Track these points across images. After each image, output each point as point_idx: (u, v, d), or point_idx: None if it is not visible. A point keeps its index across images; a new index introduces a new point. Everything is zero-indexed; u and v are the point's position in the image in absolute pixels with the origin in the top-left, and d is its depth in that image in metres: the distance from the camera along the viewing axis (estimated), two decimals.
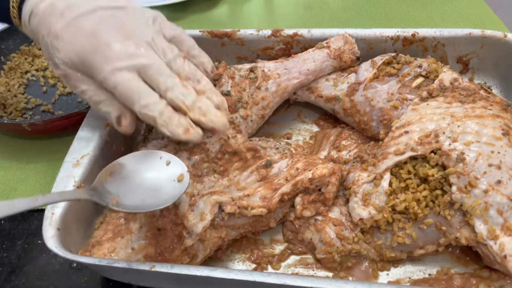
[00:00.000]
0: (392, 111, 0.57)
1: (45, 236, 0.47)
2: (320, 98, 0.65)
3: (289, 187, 0.51)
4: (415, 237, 0.49)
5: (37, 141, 0.73)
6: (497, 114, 0.50)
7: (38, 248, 0.58)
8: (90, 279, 0.55)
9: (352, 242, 0.51)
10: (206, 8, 1.00)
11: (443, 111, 0.51)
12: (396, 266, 0.53)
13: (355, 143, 0.61)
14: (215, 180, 0.52)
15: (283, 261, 0.54)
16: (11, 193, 0.65)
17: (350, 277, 0.52)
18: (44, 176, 0.67)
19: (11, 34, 0.83)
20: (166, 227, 0.48)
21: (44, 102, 0.77)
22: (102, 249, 0.49)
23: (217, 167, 0.52)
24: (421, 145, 0.49)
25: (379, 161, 0.51)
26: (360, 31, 0.67)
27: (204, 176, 0.52)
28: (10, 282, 0.55)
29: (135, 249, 0.49)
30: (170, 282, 0.48)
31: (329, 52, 0.64)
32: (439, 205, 0.48)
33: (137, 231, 0.50)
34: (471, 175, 0.46)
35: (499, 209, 0.46)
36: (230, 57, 0.73)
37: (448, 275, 0.51)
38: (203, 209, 0.49)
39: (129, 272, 0.46)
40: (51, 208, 0.50)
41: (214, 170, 0.52)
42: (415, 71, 0.58)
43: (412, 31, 0.66)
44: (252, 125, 0.61)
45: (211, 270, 0.43)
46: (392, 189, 0.50)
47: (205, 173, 0.52)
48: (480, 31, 0.65)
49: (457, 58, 0.69)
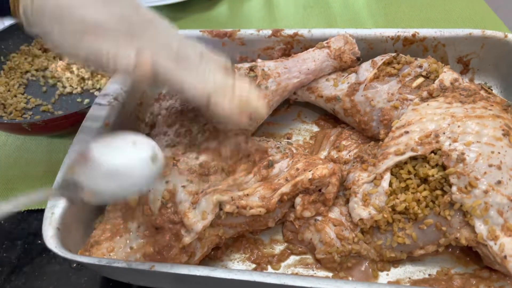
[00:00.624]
0: (392, 111, 0.57)
1: (45, 236, 0.47)
2: (320, 98, 0.65)
3: (289, 187, 0.51)
4: (415, 237, 0.49)
5: (37, 141, 0.73)
6: (497, 114, 0.50)
7: (38, 248, 0.58)
8: (90, 279, 0.55)
9: (352, 242, 0.51)
10: (206, 8, 1.00)
11: (444, 111, 0.51)
12: (396, 266, 0.53)
13: (355, 143, 0.61)
14: (221, 179, 0.52)
15: (283, 261, 0.54)
16: (11, 193, 0.65)
17: (350, 277, 0.52)
18: (44, 176, 0.67)
19: (11, 34, 0.83)
20: (163, 226, 0.49)
21: (44, 102, 0.77)
22: (101, 248, 0.49)
23: (226, 167, 0.52)
24: (421, 145, 0.49)
25: (379, 161, 0.51)
26: (360, 31, 0.67)
27: (211, 175, 0.52)
28: (10, 282, 0.55)
29: (134, 248, 0.49)
30: (169, 281, 0.48)
31: (329, 52, 0.64)
32: (439, 205, 0.48)
33: (135, 230, 0.50)
34: (471, 175, 0.46)
35: (499, 209, 0.46)
36: (231, 57, 0.73)
37: (448, 275, 0.51)
38: (205, 208, 0.48)
39: (129, 271, 0.46)
40: (51, 208, 0.50)
41: (223, 169, 0.52)
42: (415, 71, 0.58)
43: (412, 31, 0.66)
44: (252, 124, 0.61)
45: (211, 270, 0.43)
46: (392, 189, 0.50)
47: (212, 172, 0.52)
48: (480, 31, 0.65)
49: (457, 58, 0.69)
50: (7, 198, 0.64)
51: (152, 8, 0.53)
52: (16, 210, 0.39)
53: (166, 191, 0.49)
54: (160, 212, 0.49)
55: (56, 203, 0.50)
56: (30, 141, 0.73)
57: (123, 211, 0.52)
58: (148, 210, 0.50)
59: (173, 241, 0.48)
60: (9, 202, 0.38)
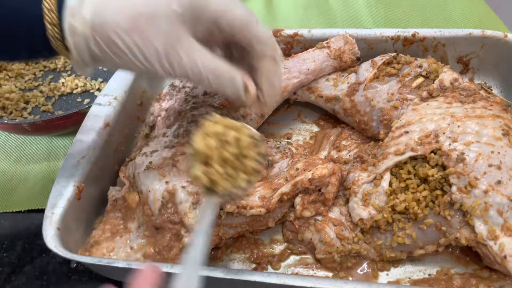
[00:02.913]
0: (392, 111, 0.57)
1: (45, 236, 0.47)
2: (320, 98, 0.65)
3: (288, 187, 0.51)
4: (415, 237, 0.49)
5: (37, 141, 0.73)
6: (497, 114, 0.50)
7: (38, 248, 0.58)
8: (90, 279, 0.55)
9: (352, 242, 0.51)
10: None
11: (443, 111, 0.51)
12: (396, 266, 0.53)
13: (355, 143, 0.61)
14: None
15: (283, 261, 0.54)
16: (11, 193, 0.65)
17: (350, 277, 0.52)
18: (44, 176, 0.67)
19: None
20: (163, 226, 0.49)
21: (44, 102, 0.78)
22: (101, 248, 0.49)
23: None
24: (421, 145, 0.49)
25: (379, 161, 0.51)
26: (360, 31, 0.67)
27: None
28: (10, 282, 0.55)
29: (134, 248, 0.49)
30: (169, 281, 0.48)
31: (329, 52, 0.64)
32: (439, 205, 0.48)
33: (135, 230, 0.50)
34: (471, 175, 0.46)
35: (499, 209, 0.46)
36: None
37: (448, 275, 0.51)
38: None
39: (129, 272, 0.46)
40: (51, 208, 0.50)
41: None
42: (415, 71, 0.58)
43: (412, 31, 0.66)
44: (252, 124, 0.61)
45: (211, 270, 0.43)
46: (392, 189, 0.50)
47: None
48: (480, 31, 0.65)
49: (457, 58, 0.69)
50: (7, 198, 0.64)
51: None
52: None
53: (166, 192, 0.49)
54: (160, 212, 0.49)
55: (56, 203, 0.50)
56: (30, 141, 0.73)
57: (123, 212, 0.52)
58: (148, 210, 0.50)
59: (173, 241, 0.48)
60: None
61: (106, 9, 0.37)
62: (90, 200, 0.55)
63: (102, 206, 0.57)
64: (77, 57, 0.39)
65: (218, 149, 0.40)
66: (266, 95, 0.46)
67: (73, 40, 0.38)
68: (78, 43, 0.38)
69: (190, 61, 0.40)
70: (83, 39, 0.38)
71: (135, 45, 0.38)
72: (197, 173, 0.40)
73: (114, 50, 0.38)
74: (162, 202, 0.49)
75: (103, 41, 0.38)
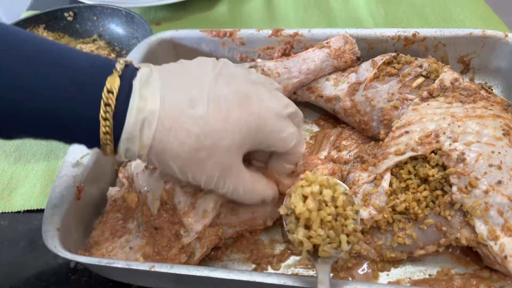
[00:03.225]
0: (392, 111, 0.57)
1: (45, 236, 0.47)
2: (320, 98, 0.65)
3: None
4: (415, 237, 0.49)
5: (37, 141, 0.73)
6: (497, 114, 0.50)
7: (38, 248, 0.58)
8: (90, 279, 0.55)
9: None
10: (206, 8, 1.00)
11: (444, 111, 0.51)
12: (396, 267, 0.52)
13: (355, 143, 0.61)
14: None
15: (283, 261, 0.54)
16: (11, 193, 0.65)
17: (350, 277, 0.52)
18: (44, 176, 0.67)
19: None
20: (163, 226, 0.49)
21: None
22: (100, 249, 0.49)
23: None
24: (422, 145, 0.49)
25: (379, 161, 0.51)
26: (360, 31, 0.67)
27: None
28: (10, 282, 0.55)
29: (133, 248, 0.49)
30: (169, 282, 0.48)
31: (329, 52, 0.64)
32: (440, 205, 0.48)
33: (135, 230, 0.50)
34: (471, 175, 0.46)
35: (500, 209, 0.46)
36: (231, 56, 0.73)
37: (448, 275, 0.51)
38: (206, 206, 0.48)
39: (129, 272, 0.46)
40: (51, 209, 0.50)
41: None
42: (415, 71, 0.58)
43: (412, 31, 0.66)
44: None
45: (211, 270, 0.43)
46: (392, 189, 0.50)
47: None
48: (481, 31, 0.65)
49: (458, 58, 0.69)
50: (7, 198, 0.64)
51: (152, 8, 0.53)
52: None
53: (165, 192, 0.49)
54: (159, 212, 0.49)
55: (56, 203, 0.50)
56: (30, 141, 0.73)
57: (123, 212, 0.52)
58: (147, 210, 0.50)
59: (173, 241, 0.48)
60: None
61: (168, 139, 0.37)
62: (89, 200, 0.55)
63: (102, 206, 0.57)
64: (122, 159, 0.40)
65: (317, 211, 0.40)
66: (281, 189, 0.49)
67: (125, 156, 0.39)
68: (130, 156, 0.39)
69: (234, 188, 0.43)
70: (137, 155, 0.39)
71: (190, 171, 0.40)
72: (301, 238, 0.40)
73: (167, 170, 0.40)
74: (161, 202, 0.49)
75: (158, 162, 0.39)
